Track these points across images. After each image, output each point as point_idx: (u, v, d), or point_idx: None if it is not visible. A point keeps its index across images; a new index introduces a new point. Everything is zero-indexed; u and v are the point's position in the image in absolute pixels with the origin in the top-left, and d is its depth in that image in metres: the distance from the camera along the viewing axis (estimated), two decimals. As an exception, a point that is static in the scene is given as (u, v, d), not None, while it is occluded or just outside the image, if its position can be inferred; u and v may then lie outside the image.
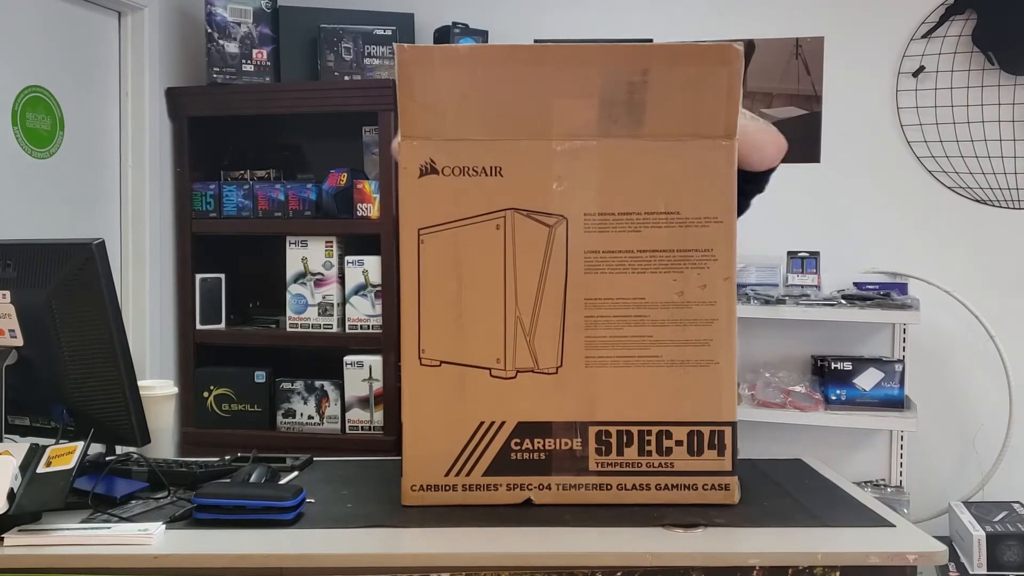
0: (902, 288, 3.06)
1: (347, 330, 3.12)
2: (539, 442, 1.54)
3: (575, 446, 1.54)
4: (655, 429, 1.54)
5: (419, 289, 1.54)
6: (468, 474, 1.54)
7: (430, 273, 1.54)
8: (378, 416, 3.08)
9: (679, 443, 1.54)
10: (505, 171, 1.52)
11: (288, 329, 3.16)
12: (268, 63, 3.18)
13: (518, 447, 1.54)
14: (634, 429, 1.54)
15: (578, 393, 1.54)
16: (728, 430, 1.54)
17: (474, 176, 1.53)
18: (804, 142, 3.18)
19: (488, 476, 1.54)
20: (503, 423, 1.54)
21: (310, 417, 3.14)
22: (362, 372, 3.09)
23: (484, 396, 1.54)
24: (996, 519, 2.82)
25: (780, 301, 2.92)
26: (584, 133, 1.52)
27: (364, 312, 3.10)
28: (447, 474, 1.54)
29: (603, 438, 1.54)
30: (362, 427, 3.10)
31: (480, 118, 1.53)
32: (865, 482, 3.05)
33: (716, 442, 1.54)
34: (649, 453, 1.54)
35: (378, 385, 3.07)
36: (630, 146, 1.53)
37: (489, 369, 1.54)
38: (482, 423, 1.54)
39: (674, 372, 1.53)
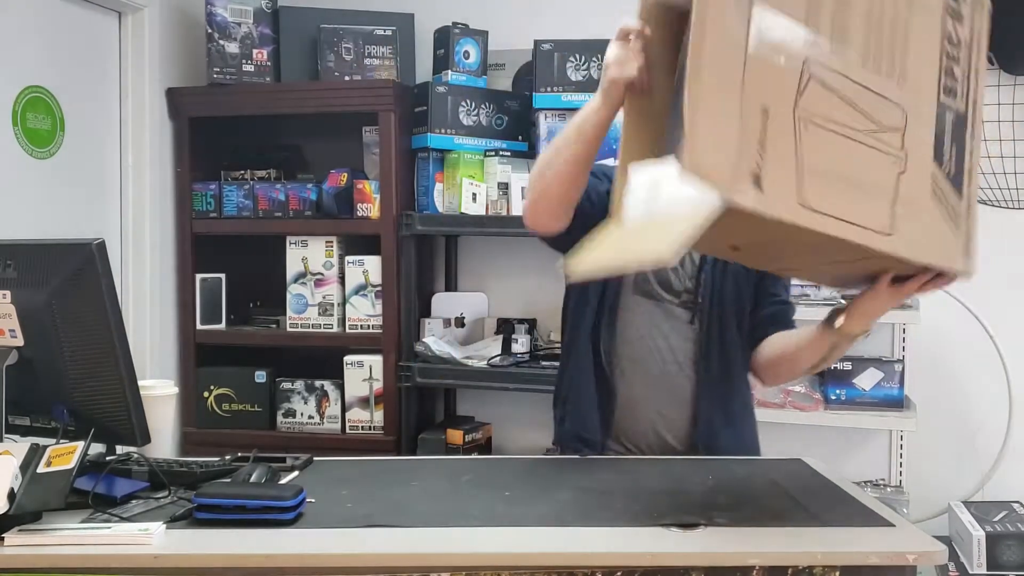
0: (902, 288, 3.05)
1: (347, 330, 3.12)
2: None
3: None
4: None
5: None
6: None
7: None
8: (378, 416, 3.08)
9: None
10: None
11: (288, 329, 3.16)
12: (268, 63, 3.18)
13: None
14: None
15: None
16: None
17: None
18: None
19: None
20: None
21: (310, 417, 3.14)
22: (362, 372, 3.09)
23: None
24: (996, 519, 2.82)
25: (780, 301, 2.92)
26: None
27: (364, 312, 3.10)
28: None
29: None
30: (362, 427, 3.10)
31: None
32: (865, 482, 3.05)
33: None
34: None
35: (378, 385, 3.07)
36: None
37: None
38: None
39: None
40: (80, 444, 1.48)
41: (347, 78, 3.16)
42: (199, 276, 3.20)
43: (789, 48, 1.32)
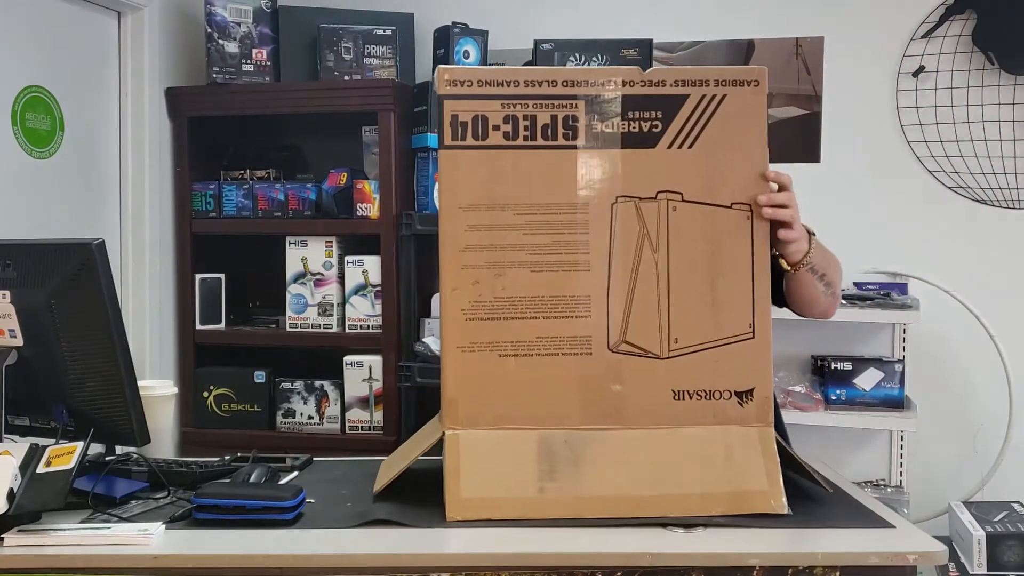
0: (902, 288, 3.06)
1: (347, 330, 3.12)
2: None
3: None
4: None
5: None
6: None
7: None
8: (378, 416, 3.08)
9: None
10: None
11: (288, 329, 3.16)
12: (268, 63, 3.18)
13: None
14: None
15: None
16: None
17: None
18: (804, 142, 3.18)
19: None
20: None
21: (310, 417, 3.14)
22: (362, 372, 3.08)
23: None
24: (996, 519, 2.82)
25: (780, 301, 2.92)
26: None
27: (364, 312, 3.10)
28: None
29: None
30: (362, 427, 3.09)
31: None
32: (865, 482, 3.05)
33: None
34: None
35: (378, 385, 3.07)
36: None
37: None
38: None
39: None
40: (80, 444, 1.48)
41: (347, 78, 3.16)
42: (199, 276, 3.19)
43: None
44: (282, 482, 1.67)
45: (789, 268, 1.71)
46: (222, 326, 3.23)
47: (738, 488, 1.53)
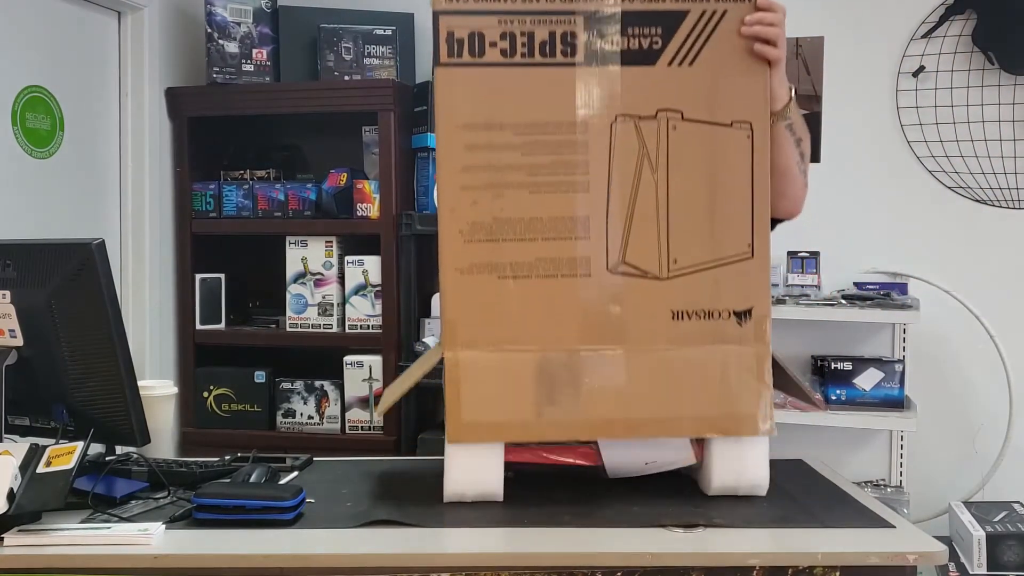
0: (902, 288, 3.06)
1: (347, 330, 3.12)
2: None
3: None
4: None
5: None
6: None
7: None
8: (378, 416, 3.08)
9: None
10: None
11: (288, 329, 3.16)
12: (268, 63, 3.18)
13: None
14: None
15: None
16: None
17: None
18: (804, 142, 3.18)
19: None
20: None
21: (310, 417, 3.14)
22: (362, 372, 3.09)
23: None
24: (996, 519, 2.82)
25: (780, 301, 2.92)
26: None
27: (364, 312, 3.10)
28: None
29: None
30: (362, 427, 3.10)
31: None
32: (865, 482, 3.04)
33: None
34: None
35: (378, 385, 3.07)
36: None
37: None
38: None
39: None
40: (80, 444, 1.48)
41: (347, 78, 3.16)
42: (199, 276, 3.19)
43: None
44: (282, 482, 1.67)
45: (786, 99, 1.63)
46: (222, 326, 3.23)
47: (729, 411, 1.54)
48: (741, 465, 1.57)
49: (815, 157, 3.19)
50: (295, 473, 1.77)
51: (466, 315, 1.55)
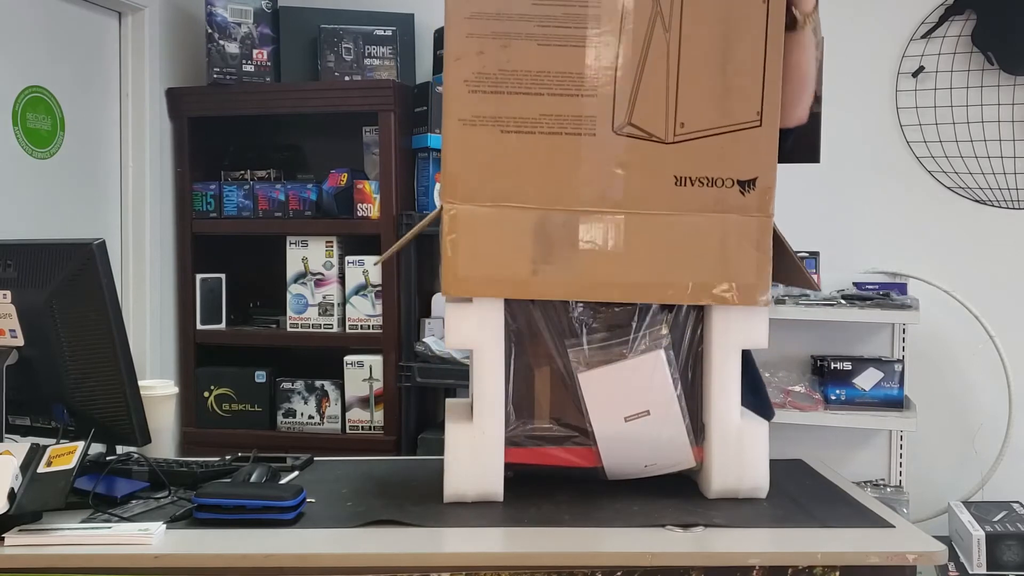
0: (902, 288, 3.06)
1: (347, 330, 3.13)
2: None
3: None
4: None
5: None
6: None
7: None
8: (378, 416, 3.08)
9: None
10: None
11: (288, 329, 3.16)
12: (268, 63, 3.19)
13: None
14: None
15: None
16: None
17: None
18: (803, 142, 3.18)
19: None
20: None
21: (310, 417, 3.14)
22: (362, 372, 3.09)
23: None
24: (996, 519, 2.82)
25: (780, 301, 2.92)
26: None
27: (364, 312, 3.10)
28: None
29: None
30: (362, 427, 3.10)
31: None
32: (865, 482, 3.05)
33: None
34: None
35: (378, 385, 3.08)
36: None
37: None
38: None
39: None
40: (80, 444, 1.48)
41: (347, 78, 3.16)
42: (199, 276, 3.20)
43: None
44: (282, 482, 1.68)
45: (799, 16, 1.58)
46: (223, 326, 3.23)
47: (728, 280, 1.53)
48: (741, 468, 1.57)
49: (815, 157, 3.18)
50: (295, 473, 1.77)
51: (467, 168, 1.51)
